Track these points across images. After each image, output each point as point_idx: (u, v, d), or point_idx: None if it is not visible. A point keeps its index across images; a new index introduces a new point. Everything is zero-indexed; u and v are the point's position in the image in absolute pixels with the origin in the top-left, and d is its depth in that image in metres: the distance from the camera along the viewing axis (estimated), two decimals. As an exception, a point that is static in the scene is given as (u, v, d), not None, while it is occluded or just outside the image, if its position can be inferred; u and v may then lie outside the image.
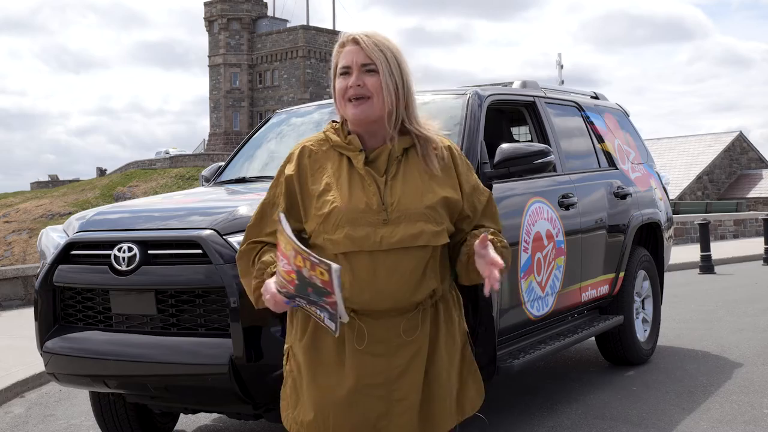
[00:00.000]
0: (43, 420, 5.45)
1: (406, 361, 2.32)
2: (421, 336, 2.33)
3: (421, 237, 2.28)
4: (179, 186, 62.45)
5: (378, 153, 2.36)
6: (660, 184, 6.73)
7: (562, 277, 4.96)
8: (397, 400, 2.32)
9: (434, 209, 2.32)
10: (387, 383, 2.31)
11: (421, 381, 2.33)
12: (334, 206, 2.29)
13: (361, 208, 2.28)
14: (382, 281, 2.27)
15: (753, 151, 53.53)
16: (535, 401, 5.19)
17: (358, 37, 2.35)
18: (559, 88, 6.26)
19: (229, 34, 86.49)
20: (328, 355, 2.33)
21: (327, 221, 2.29)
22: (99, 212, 4.23)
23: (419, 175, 2.35)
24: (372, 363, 2.30)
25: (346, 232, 2.26)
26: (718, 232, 22.05)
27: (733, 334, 7.28)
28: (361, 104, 2.32)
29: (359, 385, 2.30)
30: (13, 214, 66.82)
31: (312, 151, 2.41)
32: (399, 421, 2.33)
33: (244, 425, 4.99)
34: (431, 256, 2.32)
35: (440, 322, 2.38)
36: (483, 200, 2.44)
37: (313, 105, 5.58)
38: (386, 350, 2.31)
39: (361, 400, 2.31)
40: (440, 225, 2.32)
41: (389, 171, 2.34)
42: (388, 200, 2.29)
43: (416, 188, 2.32)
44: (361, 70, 2.33)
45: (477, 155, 4.41)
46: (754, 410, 4.85)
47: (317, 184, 2.35)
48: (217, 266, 3.52)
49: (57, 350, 3.89)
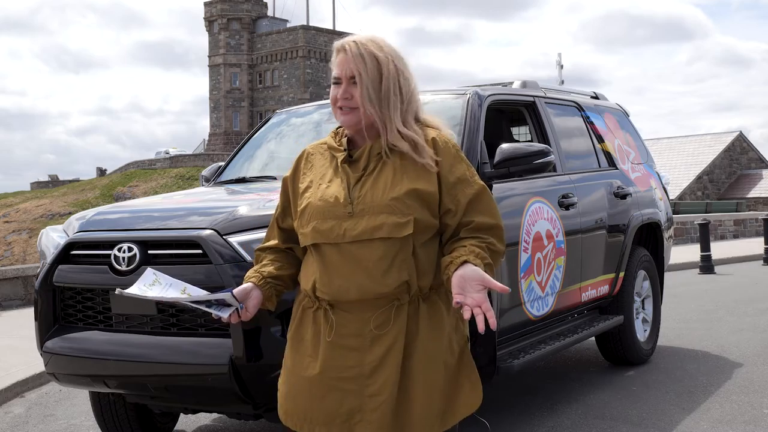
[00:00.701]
0: (43, 420, 5.45)
1: (378, 356, 2.32)
2: (395, 331, 2.32)
3: (381, 229, 2.30)
4: (179, 186, 62.46)
5: (361, 152, 2.43)
6: (660, 184, 6.73)
7: (562, 277, 4.96)
8: (369, 396, 2.32)
9: (400, 201, 2.31)
10: (359, 378, 2.33)
11: (396, 378, 2.32)
12: (308, 201, 2.41)
13: (331, 202, 2.36)
14: (347, 272, 2.32)
15: (753, 151, 53.54)
16: (535, 401, 5.19)
17: (347, 46, 2.40)
18: (559, 88, 6.26)
19: (229, 34, 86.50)
20: (305, 346, 2.41)
21: (302, 216, 2.42)
22: (99, 212, 4.23)
23: (395, 169, 2.37)
24: (344, 356, 2.34)
25: (314, 225, 2.37)
26: (718, 232, 22.05)
27: (733, 334, 7.29)
28: (347, 114, 2.41)
29: (326, 377, 2.34)
30: (13, 214, 66.82)
31: (309, 154, 2.55)
32: (371, 417, 2.32)
33: (244, 425, 4.99)
34: (400, 249, 2.31)
35: (420, 320, 2.35)
36: (469, 193, 2.38)
37: (312, 105, 5.58)
38: (359, 344, 2.33)
39: (332, 393, 2.34)
40: (405, 217, 2.31)
41: (368, 168, 2.39)
42: (354, 194, 2.36)
43: (385, 182, 2.36)
44: (349, 81, 2.40)
45: (477, 155, 4.41)
46: (754, 410, 4.85)
47: (303, 182, 2.48)
48: (217, 266, 3.52)
49: (57, 350, 3.89)
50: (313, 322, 2.40)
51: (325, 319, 2.37)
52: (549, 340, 4.94)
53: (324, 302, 2.37)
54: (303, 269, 2.47)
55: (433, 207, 2.37)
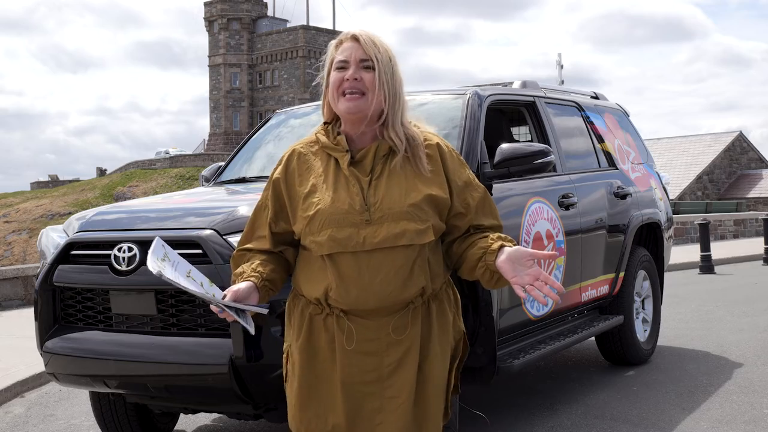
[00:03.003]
0: (43, 420, 5.45)
1: (396, 359, 2.32)
2: (412, 334, 2.33)
3: (404, 236, 2.27)
4: (179, 186, 62.46)
5: (364, 153, 2.36)
6: (660, 184, 6.73)
7: (562, 277, 4.96)
8: (389, 398, 2.33)
9: (418, 207, 2.30)
10: (379, 380, 2.32)
11: (413, 379, 2.33)
12: (318, 208, 2.30)
13: (345, 209, 2.28)
14: (367, 281, 2.27)
15: (753, 151, 53.50)
16: (535, 401, 5.19)
17: (358, 34, 2.37)
18: (559, 88, 6.26)
19: (229, 34, 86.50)
20: (322, 354, 2.35)
21: (312, 223, 2.30)
22: (99, 212, 4.23)
23: (404, 174, 2.34)
24: (362, 361, 2.31)
25: (330, 234, 2.27)
26: (718, 232, 22.04)
27: (733, 334, 7.28)
28: (355, 98, 2.33)
29: (348, 382, 2.32)
30: (13, 214, 66.82)
31: (301, 154, 2.43)
32: (391, 418, 2.33)
33: (244, 425, 4.99)
34: (418, 255, 2.31)
35: (433, 320, 2.37)
36: (476, 196, 2.42)
37: (312, 105, 5.58)
38: (376, 349, 2.32)
39: (354, 394, 2.32)
40: (425, 223, 2.31)
41: (374, 171, 2.34)
42: (371, 200, 2.30)
43: (400, 187, 2.32)
44: (359, 65, 2.34)
45: (477, 155, 4.41)
46: (754, 410, 4.85)
47: (304, 185, 2.37)
48: (217, 266, 3.52)
49: (57, 350, 3.89)
50: (325, 330, 2.33)
51: (339, 326, 2.31)
52: (549, 340, 4.94)
53: (336, 309, 2.32)
54: (304, 274, 2.38)
55: (444, 212, 2.38)
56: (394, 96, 2.36)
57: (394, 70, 2.37)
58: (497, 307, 4.26)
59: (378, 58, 2.34)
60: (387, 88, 2.34)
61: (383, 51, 2.36)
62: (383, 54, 2.35)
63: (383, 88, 2.33)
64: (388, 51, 2.37)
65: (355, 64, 2.34)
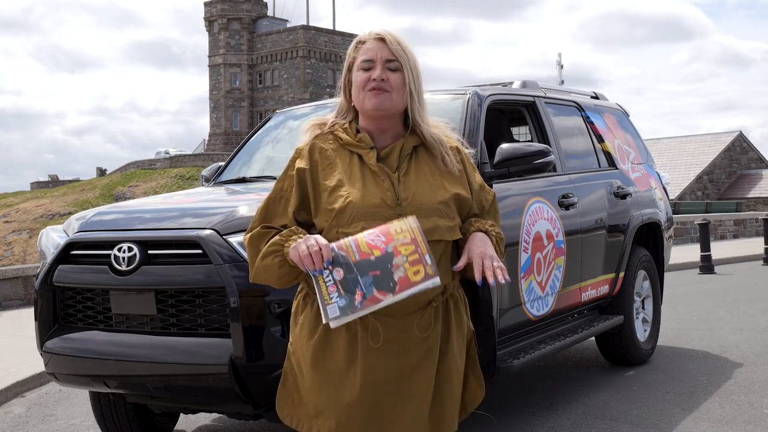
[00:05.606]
0: (43, 420, 5.45)
1: (418, 358, 2.33)
2: (435, 332, 2.35)
3: (436, 231, 2.31)
4: (179, 186, 62.44)
5: (389, 150, 2.40)
6: (660, 184, 6.73)
7: (562, 277, 4.96)
8: (408, 395, 2.33)
9: (447, 205, 2.36)
10: (399, 379, 2.32)
11: (433, 378, 2.35)
12: (348, 201, 2.31)
13: (376, 203, 2.31)
14: None
15: (753, 151, 53.51)
16: (535, 401, 5.19)
17: (383, 34, 2.41)
18: (559, 88, 6.26)
19: (229, 34, 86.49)
20: (338, 354, 2.32)
21: (341, 215, 2.31)
22: (99, 212, 4.23)
23: (430, 171, 2.39)
24: (384, 360, 2.31)
25: (363, 226, 2.28)
26: (718, 232, 22.05)
27: (733, 334, 7.29)
28: (380, 95, 2.36)
29: (368, 381, 2.30)
30: (13, 214, 66.81)
31: (322, 149, 2.43)
32: (407, 416, 2.33)
33: (244, 425, 4.99)
34: (444, 252, 2.35)
35: (451, 320, 2.40)
36: (489, 199, 2.51)
37: (312, 105, 5.58)
38: (399, 348, 2.32)
39: (373, 392, 2.32)
40: (453, 220, 2.37)
41: (401, 167, 2.38)
42: (402, 195, 2.33)
43: (429, 184, 2.36)
44: (385, 65, 2.38)
45: (477, 155, 4.41)
46: (754, 410, 4.85)
47: (329, 179, 2.37)
48: (217, 266, 3.52)
49: (57, 350, 3.89)
50: (346, 329, 2.31)
51: (362, 325, 2.30)
52: (549, 340, 4.94)
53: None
54: None
55: (464, 212, 2.44)
56: (418, 95, 2.41)
57: (418, 69, 2.42)
58: (497, 307, 4.26)
59: (404, 59, 2.39)
60: (413, 87, 2.39)
61: (408, 51, 2.41)
62: (409, 54, 2.41)
63: (409, 87, 2.38)
64: (411, 51, 2.42)
65: (381, 64, 2.38)
